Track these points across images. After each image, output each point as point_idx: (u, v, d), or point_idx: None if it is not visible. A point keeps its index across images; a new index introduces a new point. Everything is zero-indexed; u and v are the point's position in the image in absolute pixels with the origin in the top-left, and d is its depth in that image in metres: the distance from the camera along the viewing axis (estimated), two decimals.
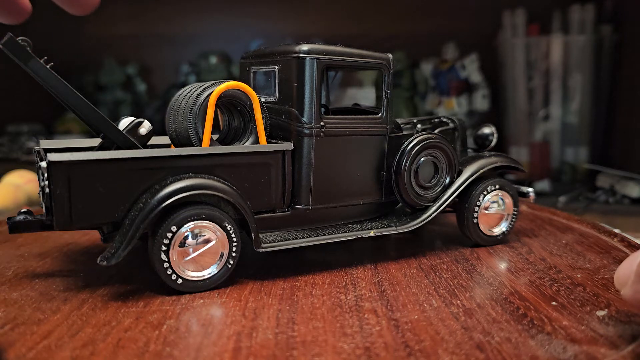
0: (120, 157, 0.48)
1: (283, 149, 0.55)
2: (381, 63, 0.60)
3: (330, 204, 0.59)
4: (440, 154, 0.63)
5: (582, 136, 1.46)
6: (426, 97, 1.59)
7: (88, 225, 0.49)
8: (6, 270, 0.56)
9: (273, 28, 1.71)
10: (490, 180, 0.65)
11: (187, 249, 0.49)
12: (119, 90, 1.70)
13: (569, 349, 0.39)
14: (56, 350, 0.38)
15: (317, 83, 0.55)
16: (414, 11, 1.67)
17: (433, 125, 0.71)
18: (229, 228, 0.51)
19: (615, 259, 0.60)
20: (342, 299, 0.48)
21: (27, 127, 1.68)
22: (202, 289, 0.50)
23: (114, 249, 0.47)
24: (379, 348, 0.39)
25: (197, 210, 0.49)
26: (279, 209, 0.57)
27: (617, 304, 0.47)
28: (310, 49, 0.55)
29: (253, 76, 0.63)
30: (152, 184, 0.49)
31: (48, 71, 0.46)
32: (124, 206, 0.48)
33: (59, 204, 0.46)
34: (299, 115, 0.56)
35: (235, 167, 0.53)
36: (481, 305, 0.47)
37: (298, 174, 0.56)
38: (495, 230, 0.66)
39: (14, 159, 1.58)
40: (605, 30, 1.42)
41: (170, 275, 0.48)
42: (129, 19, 1.73)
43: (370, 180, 0.61)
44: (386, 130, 0.61)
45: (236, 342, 0.40)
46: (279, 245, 0.54)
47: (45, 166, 0.46)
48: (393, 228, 0.60)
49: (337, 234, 0.57)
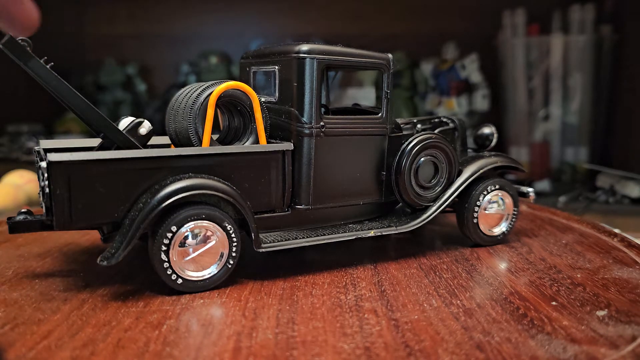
0: (120, 157, 0.48)
1: (283, 149, 0.55)
2: (381, 63, 0.60)
3: (330, 204, 0.59)
4: (440, 154, 0.63)
5: (582, 136, 1.46)
6: (426, 97, 1.59)
7: (88, 225, 0.49)
8: (6, 270, 0.56)
9: (273, 28, 1.71)
10: (491, 180, 0.65)
11: (187, 249, 0.49)
12: (119, 90, 1.70)
13: (569, 349, 0.39)
14: (56, 350, 0.38)
15: (317, 83, 0.55)
16: (414, 11, 1.67)
17: (433, 125, 0.71)
18: (229, 228, 0.51)
19: (615, 259, 0.60)
20: (342, 299, 0.48)
21: (27, 127, 1.68)
22: (202, 289, 0.50)
23: (114, 249, 0.47)
24: (379, 348, 0.39)
25: (197, 210, 0.49)
26: (279, 209, 0.57)
27: (617, 304, 0.47)
28: (311, 49, 0.55)
29: (253, 76, 0.63)
30: (152, 184, 0.49)
31: (48, 71, 0.46)
32: (124, 206, 0.48)
33: (59, 204, 0.46)
34: (299, 115, 0.55)
35: (235, 167, 0.53)
36: (481, 305, 0.47)
37: (298, 174, 0.56)
38: (495, 230, 0.66)
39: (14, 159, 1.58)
40: (605, 30, 1.42)
41: (170, 275, 0.48)
42: (129, 19, 1.73)
43: (370, 180, 0.61)
44: (386, 130, 0.61)
45: (236, 342, 0.40)
46: (279, 245, 0.54)
47: (45, 166, 0.46)
48: (393, 228, 0.60)
49: (337, 234, 0.57)
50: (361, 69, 0.63)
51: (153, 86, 1.76)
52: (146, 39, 1.73)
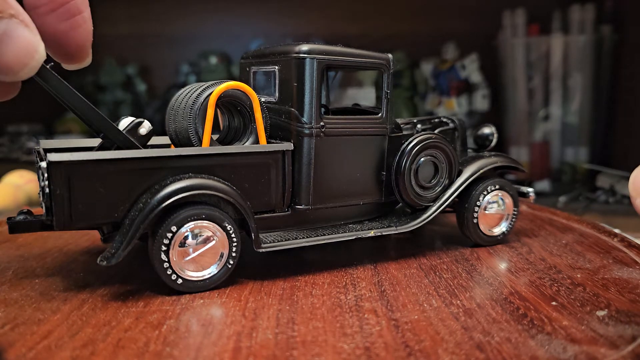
0: (120, 157, 0.48)
1: (283, 149, 0.55)
2: (381, 63, 0.60)
3: (330, 204, 0.59)
4: (440, 154, 0.63)
5: (582, 136, 1.46)
6: (426, 97, 1.59)
7: (88, 225, 0.49)
8: (6, 270, 0.56)
9: (273, 28, 1.71)
10: (490, 180, 0.65)
11: (187, 249, 0.49)
12: (119, 90, 1.70)
13: (569, 349, 0.39)
14: (56, 350, 0.38)
15: (317, 83, 0.55)
16: (414, 11, 1.67)
17: (433, 126, 0.71)
18: (229, 228, 0.51)
19: (615, 259, 0.60)
20: (342, 299, 0.48)
21: (27, 127, 1.68)
22: (202, 289, 0.50)
23: (114, 249, 0.47)
24: (379, 348, 0.39)
25: (197, 211, 0.49)
26: (279, 209, 0.57)
27: (617, 304, 0.47)
28: (310, 49, 0.55)
29: (253, 76, 0.63)
30: (152, 184, 0.49)
31: (48, 71, 0.46)
32: (124, 206, 0.48)
33: (59, 204, 0.46)
34: (299, 115, 0.55)
35: (235, 167, 0.53)
36: (481, 305, 0.47)
37: (298, 174, 0.56)
38: (495, 230, 0.66)
39: (14, 159, 1.58)
40: (605, 30, 1.42)
41: (170, 276, 0.48)
42: (129, 19, 1.73)
43: (370, 181, 0.61)
44: (386, 130, 0.61)
45: (236, 342, 0.40)
46: (279, 245, 0.54)
47: (45, 166, 0.46)
48: (393, 228, 0.60)
49: (337, 234, 0.57)
50: (361, 69, 0.63)
51: (153, 86, 1.76)
52: (146, 39, 1.73)
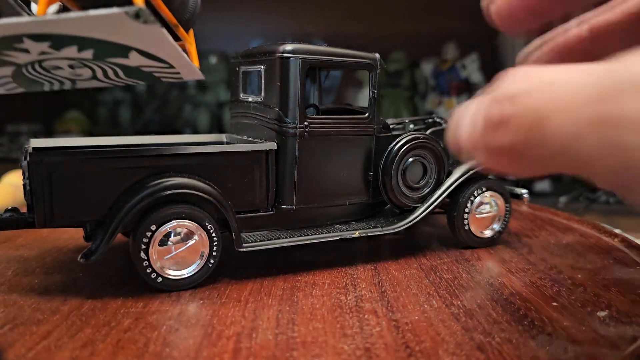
0: (102, 156, 0.48)
1: (266, 148, 0.55)
2: (367, 63, 0.59)
3: (315, 204, 0.58)
4: (428, 155, 0.62)
5: None
6: (426, 97, 1.59)
7: (69, 223, 0.49)
8: (6, 270, 0.55)
9: (273, 28, 1.71)
10: (481, 181, 0.64)
11: (167, 247, 0.49)
12: (119, 90, 1.70)
13: (569, 349, 0.39)
14: (56, 351, 0.38)
15: (301, 83, 0.55)
16: (414, 11, 1.67)
17: (427, 126, 0.70)
18: (209, 227, 0.51)
19: (616, 260, 0.60)
20: (343, 300, 0.48)
21: (27, 127, 1.68)
22: (183, 288, 0.50)
23: (94, 247, 0.47)
24: (379, 349, 0.39)
25: (177, 209, 0.49)
26: (263, 209, 0.57)
27: (618, 304, 0.47)
28: (295, 49, 0.55)
29: (242, 76, 0.63)
30: (133, 183, 0.49)
31: None
32: (105, 205, 0.49)
33: (39, 202, 0.46)
34: (283, 115, 0.55)
35: (218, 167, 0.53)
36: (482, 305, 0.47)
37: (282, 174, 0.56)
38: (486, 231, 0.65)
39: (13, 159, 1.58)
40: None
41: (150, 274, 0.49)
42: None
43: (356, 181, 0.61)
44: (373, 130, 0.60)
45: (236, 342, 0.40)
46: (260, 245, 0.53)
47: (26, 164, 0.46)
48: (379, 229, 0.59)
49: (321, 234, 0.57)
50: (347, 68, 0.63)
51: (153, 86, 1.76)
52: None
